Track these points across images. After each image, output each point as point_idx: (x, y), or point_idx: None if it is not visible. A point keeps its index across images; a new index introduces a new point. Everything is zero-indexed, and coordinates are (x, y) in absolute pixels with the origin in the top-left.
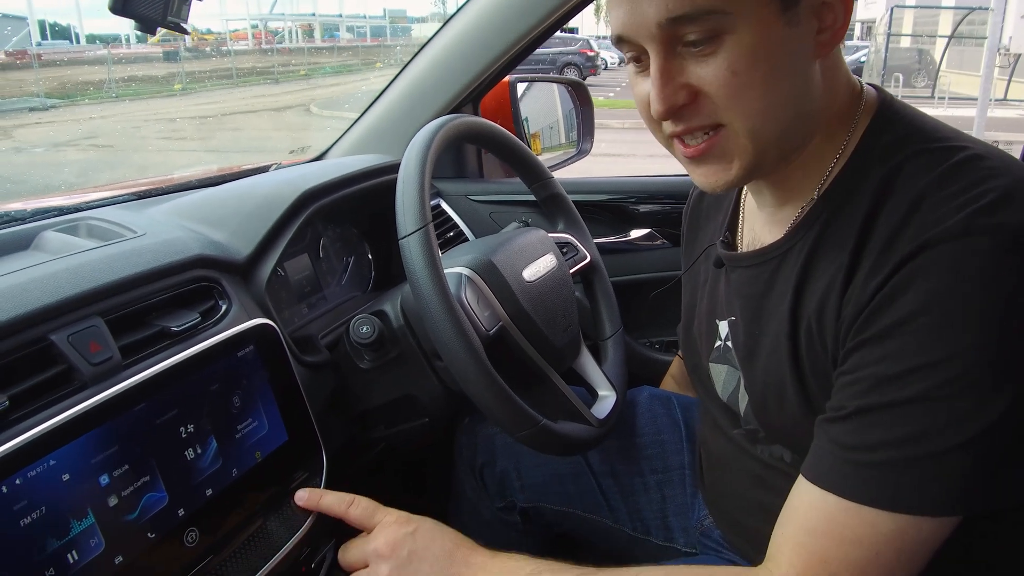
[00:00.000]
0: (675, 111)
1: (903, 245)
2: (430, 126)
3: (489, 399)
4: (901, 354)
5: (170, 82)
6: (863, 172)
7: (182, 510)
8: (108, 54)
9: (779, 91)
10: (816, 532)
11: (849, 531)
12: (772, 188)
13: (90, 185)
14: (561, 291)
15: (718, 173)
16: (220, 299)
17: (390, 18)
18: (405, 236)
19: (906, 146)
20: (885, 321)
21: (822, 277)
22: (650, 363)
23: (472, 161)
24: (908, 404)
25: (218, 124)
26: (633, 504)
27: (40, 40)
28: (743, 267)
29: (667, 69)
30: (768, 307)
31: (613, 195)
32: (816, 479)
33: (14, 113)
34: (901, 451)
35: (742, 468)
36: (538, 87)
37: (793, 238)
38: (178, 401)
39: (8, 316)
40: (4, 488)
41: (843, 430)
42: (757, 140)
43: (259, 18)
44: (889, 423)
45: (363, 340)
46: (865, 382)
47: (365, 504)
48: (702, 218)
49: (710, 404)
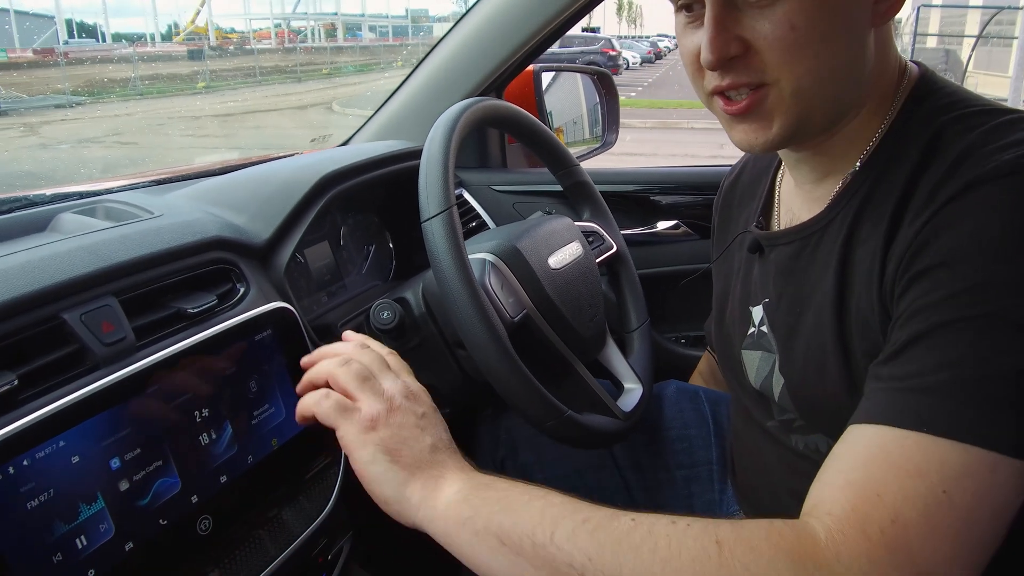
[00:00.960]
0: (725, 62)
1: (947, 190)
2: (454, 108)
3: (513, 387)
4: (952, 279)
5: (194, 80)
6: (904, 138)
7: (195, 497)
8: (133, 52)
9: (833, 53)
10: (868, 465)
11: (909, 462)
12: (813, 161)
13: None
14: (587, 280)
15: (758, 132)
16: (238, 282)
17: (412, 17)
18: (428, 219)
19: (949, 111)
20: (927, 258)
21: (866, 245)
22: (677, 358)
23: (495, 150)
24: (965, 322)
25: (240, 122)
26: (658, 499)
27: (67, 38)
28: (782, 244)
29: (722, 18)
30: (810, 282)
31: (639, 186)
32: (866, 417)
33: (41, 110)
34: (962, 371)
35: (775, 458)
36: (562, 81)
37: (834, 210)
38: (193, 384)
39: (19, 293)
40: (11, 469)
41: (896, 364)
42: (802, 101)
43: (282, 17)
44: (946, 344)
45: (384, 326)
46: (916, 315)
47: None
48: (735, 207)
49: (742, 394)
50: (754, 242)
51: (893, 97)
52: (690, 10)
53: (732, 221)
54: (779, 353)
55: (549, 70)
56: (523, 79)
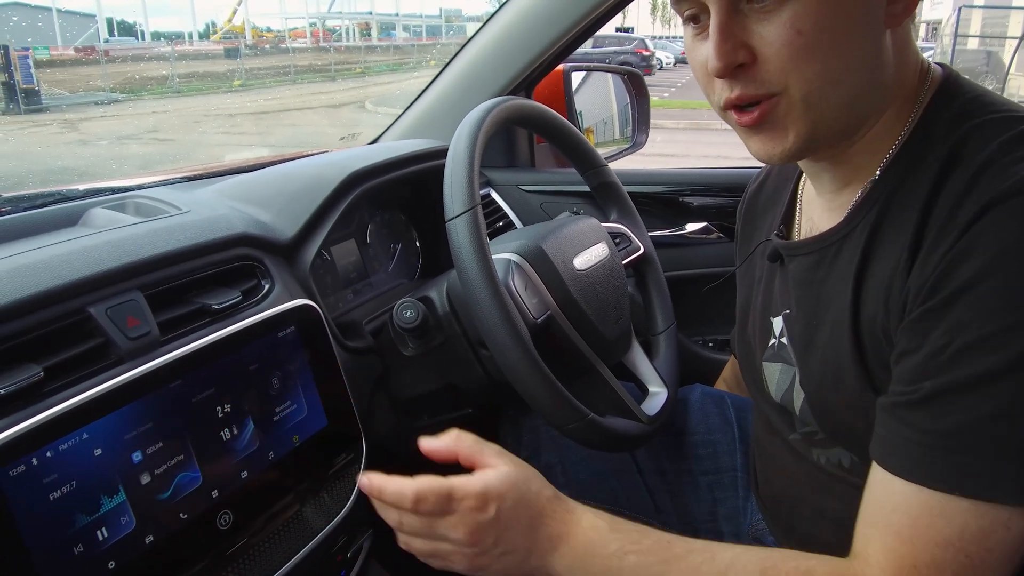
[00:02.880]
0: (732, 71)
1: (966, 211)
2: (481, 107)
3: (534, 388)
4: (971, 323)
5: (230, 78)
6: (925, 147)
7: (216, 492)
8: (171, 51)
9: (844, 58)
10: (902, 533)
11: (936, 531)
12: (833, 169)
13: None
14: (613, 281)
15: (774, 142)
16: (263, 278)
17: (445, 17)
18: (452, 218)
19: (970, 118)
20: (951, 287)
21: (885, 259)
22: (703, 362)
23: (524, 150)
24: (985, 379)
25: (275, 120)
26: (682, 505)
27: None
28: (801, 255)
29: (727, 25)
30: (827, 295)
31: (669, 187)
32: (895, 468)
33: (81, 106)
34: (984, 432)
35: (798, 473)
36: (593, 81)
37: (853, 220)
38: (215, 380)
39: (46, 286)
40: (34, 460)
41: (919, 414)
42: (814, 108)
43: (317, 16)
44: (967, 403)
45: (407, 325)
46: (937, 357)
47: (434, 498)
48: (758, 214)
49: (765, 406)
50: (774, 251)
51: (915, 101)
52: (697, 21)
53: (755, 228)
54: (798, 367)
55: (579, 69)
56: (553, 79)
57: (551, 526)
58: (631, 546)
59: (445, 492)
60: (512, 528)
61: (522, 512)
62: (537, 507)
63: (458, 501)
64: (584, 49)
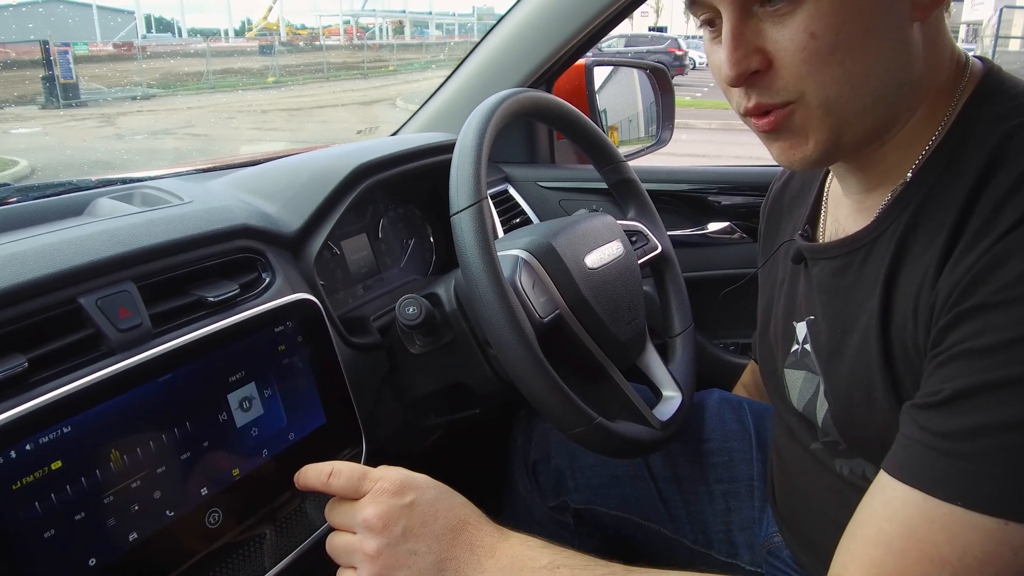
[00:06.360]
0: (747, 78)
1: (1008, 216)
2: (491, 99)
3: (538, 389)
4: (1002, 326)
5: (264, 75)
6: (963, 147)
7: (205, 489)
8: (207, 47)
9: (864, 59)
10: (893, 545)
11: (932, 545)
12: (861, 171)
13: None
14: (626, 281)
15: (794, 149)
16: (263, 271)
17: (478, 15)
18: (457, 212)
19: (1018, 114)
20: (984, 292)
21: (916, 265)
22: (722, 365)
23: (544, 146)
24: (1013, 383)
25: (307, 116)
26: (695, 514)
27: (145, 33)
28: (826, 259)
29: (739, 31)
30: (855, 302)
31: (693, 185)
32: (897, 470)
33: (118, 101)
34: (1002, 439)
35: (819, 483)
36: (618, 78)
37: (883, 224)
38: (208, 374)
39: (35, 275)
40: (12, 453)
41: (936, 415)
42: (834, 113)
43: (351, 14)
44: (990, 406)
45: (409, 321)
46: (962, 359)
47: (347, 472)
48: (783, 213)
49: (786, 414)
50: (797, 253)
51: (951, 98)
52: (712, 25)
53: (780, 227)
54: (823, 376)
55: (601, 64)
56: (574, 73)
57: (475, 536)
58: (565, 560)
59: (360, 471)
60: (427, 524)
61: (441, 511)
62: (460, 514)
63: (372, 481)
64: (619, 49)
